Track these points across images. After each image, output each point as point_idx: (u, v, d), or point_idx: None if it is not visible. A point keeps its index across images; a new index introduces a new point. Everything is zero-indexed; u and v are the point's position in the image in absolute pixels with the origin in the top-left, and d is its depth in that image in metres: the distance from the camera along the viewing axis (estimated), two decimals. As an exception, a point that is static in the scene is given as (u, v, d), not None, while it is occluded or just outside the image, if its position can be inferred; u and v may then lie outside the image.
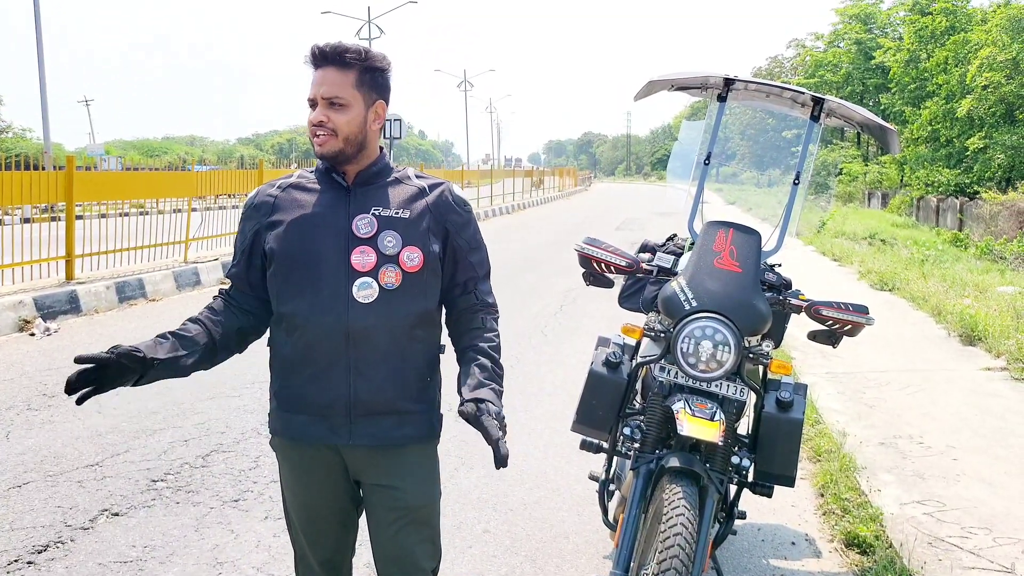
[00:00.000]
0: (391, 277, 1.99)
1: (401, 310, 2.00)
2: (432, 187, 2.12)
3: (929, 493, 4.26)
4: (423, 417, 2.09)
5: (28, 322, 7.82)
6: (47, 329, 7.72)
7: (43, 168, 11.72)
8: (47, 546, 3.51)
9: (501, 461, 1.88)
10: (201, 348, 2.00)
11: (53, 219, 10.24)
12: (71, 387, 1.85)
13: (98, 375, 1.85)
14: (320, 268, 1.98)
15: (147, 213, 11.99)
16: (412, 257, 2.00)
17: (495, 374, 2.06)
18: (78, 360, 1.82)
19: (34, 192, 9.15)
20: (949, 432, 5.25)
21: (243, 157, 61.51)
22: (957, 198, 26.24)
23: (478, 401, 1.94)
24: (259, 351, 2.08)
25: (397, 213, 2.03)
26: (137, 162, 17.53)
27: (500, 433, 1.89)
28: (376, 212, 2.02)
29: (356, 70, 2.00)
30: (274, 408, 2.12)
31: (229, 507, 3.92)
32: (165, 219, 11.35)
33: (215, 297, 2.15)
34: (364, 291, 1.97)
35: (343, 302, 1.97)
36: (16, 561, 3.37)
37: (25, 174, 9.01)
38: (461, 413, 1.93)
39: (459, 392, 2.03)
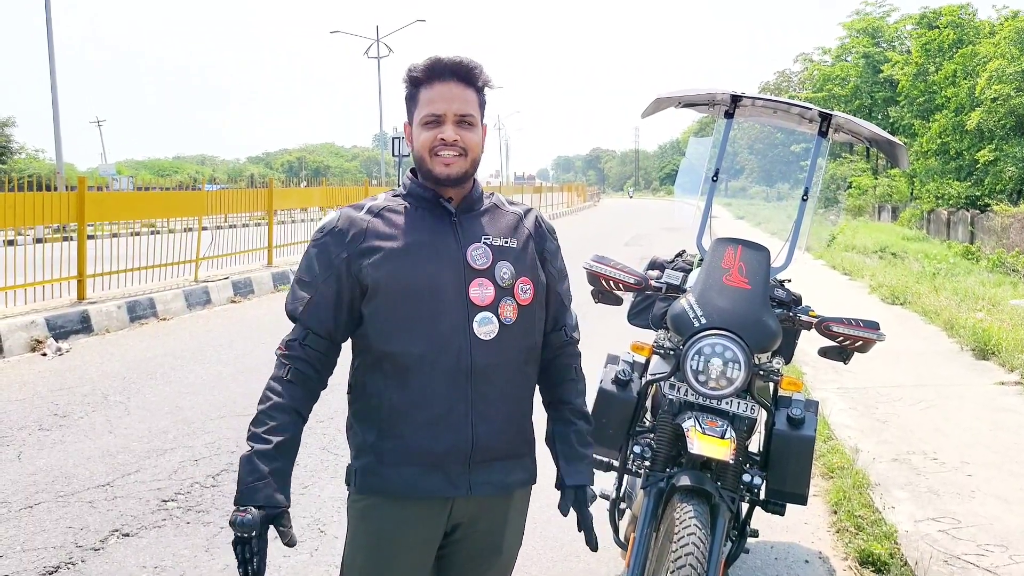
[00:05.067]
0: (509, 311, 1.84)
1: (516, 345, 1.87)
2: (526, 213, 2.00)
3: (944, 510, 4.22)
4: (530, 459, 1.99)
5: (40, 342, 7.86)
6: (59, 349, 7.76)
7: (55, 189, 11.82)
8: (58, 567, 3.51)
9: (594, 545, 1.97)
10: (298, 441, 1.85)
11: (65, 239, 10.32)
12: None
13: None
14: (437, 302, 1.79)
15: (158, 232, 12.07)
16: (525, 289, 1.87)
17: (588, 438, 2.05)
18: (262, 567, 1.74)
19: (46, 212, 9.23)
20: (963, 448, 5.21)
21: (253, 176, 61.84)
22: (968, 211, 26.14)
23: (579, 489, 1.98)
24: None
25: (507, 242, 1.89)
26: (148, 182, 17.70)
27: (591, 523, 1.98)
28: (487, 241, 1.86)
29: (476, 89, 1.87)
30: (368, 463, 1.84)
31: (239, 527, 3.90)
32: (176, 238, 11.42)
33: (285, 359, 1.85)
34: (485, 327, 1.81)
35: (465, 339, 1.80)
36: (27, 582, 3.37)
37: (38, 195, 9.09)
38: (565, 505, 1.97)
39: (555, 454, 2.02)
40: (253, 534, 1.70)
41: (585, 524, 1.99)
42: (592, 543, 1.97)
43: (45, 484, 4.39)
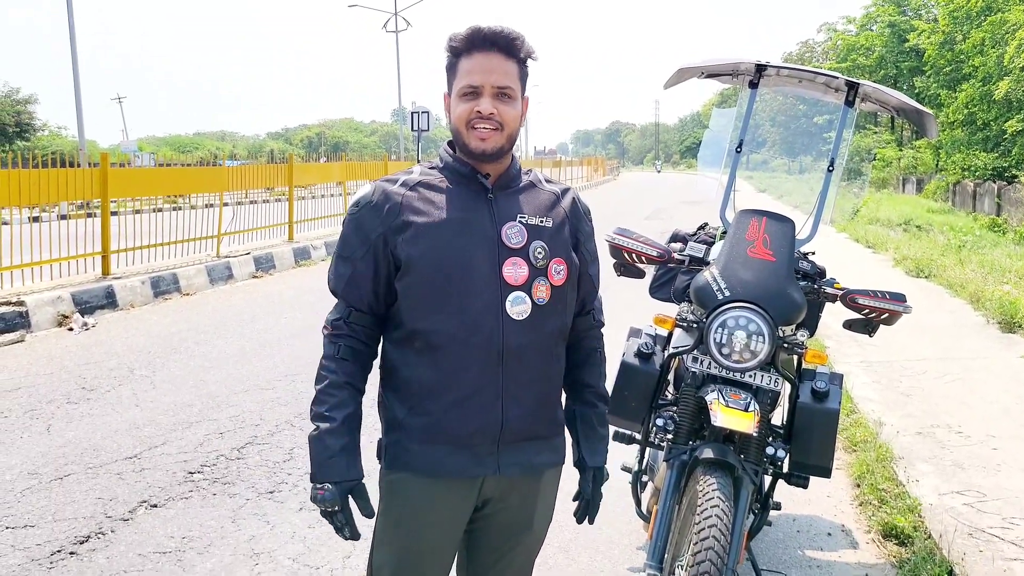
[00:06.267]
0: (542, 291, 1.81)
1: (548, 326, 1.84)
2: (563, 193, 1.97)
3: (969, 483, 4.19)
4: (559, 440, 1.98)
5: (66, 317, 7.96)
6: (85, 324, 7.86)
7: (78, 165, 11.91)
8: (88, 537, 3.58)
9: (589, 520, 2.12)
10: (360, 415, 1.86)
11: (89, 215, 10.42)
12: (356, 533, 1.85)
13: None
14: (470, 280, 1.77)
15: (180, 208, 12.15)
16: (559, 270, 1.84)
17: (606, 419, 2.11)
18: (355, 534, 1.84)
19: (70, 189, 9.31)
20: (989, 421, 5.16)
21: (273, 151, 62.01)
22: (995, 182, 25.68)
23: (597, 470, 2.06)
24: (291, 344, 1.89)
25: (541, 222, 1.86)
26: (169, 158, 17.78)
27: (599, 504, 2.09)
28: (522, 219, 1.84)
29: (517, 60, 1.82)
30: (399, 439, 1.84)
31: (264, 498, 3.96)
32: (197, 214, 11.49)
33: (334, 338, 1.85)
34: (518, 306, 1.79)
35: (496, 318, 1.77)
36: (59, 552, 3.44)
37: (61, 171, 9.16)
38: (586, 484, 2.07)
39: (575, 435, 2.05)
40: (336, 508, 1.78)
41: (594, 504, 2.09)
42: (591, 520, 2.11)
43: (74, 456, 4.46)
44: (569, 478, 2.11)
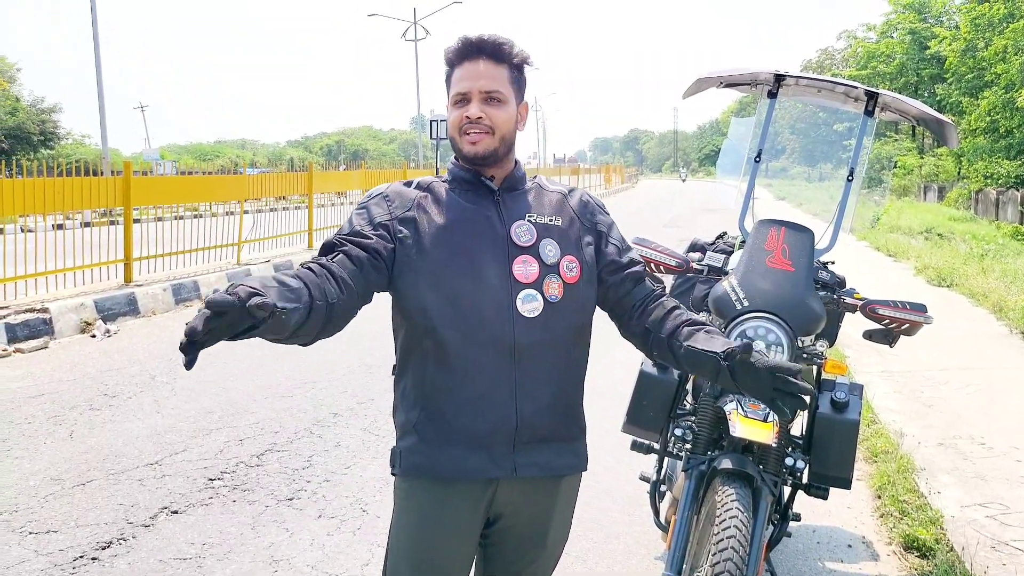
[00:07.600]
0: (555, 289, 1.82)
1: (563, 324, 1.84)
2: (570, 192, 1.99)
3: (992, 495, 4.14)
4: (580, 444, 1.95)
5: (89, 324, 8.05)
6: (107, 331, 7.94)
7: (102, 174, 12.05)
8: (110, 543, 3.61)
9: (805, 390, 1.72)
10: (304, 307, 1.53)
11: (112, 223, 10.53)
12: (195, 343, 1.30)
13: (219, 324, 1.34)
14: (481, 279, 1.78)
15: (201, 216, 12.26)
16: (571, 267, 1.85)
17: (717, 330, 1.89)
18: (211, 305, 1.32)
19: (93, 197, 9.42)
20: (1012, 432, 5.10)
21: (292, 159, 62.51)
22: (1018, 190, 25.42)
23: (747, 346, 1.75)
24: (310, 352, 1.82)
25: (551, 220, 1.88)
26: (191, 166, 17.97)
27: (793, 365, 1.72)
28: (531, 219, 1.86)
29: (508, 65, 1.85)
30: (413, 444, 1.83)
31: (284, 505, 3.99)
32: (218, 222, 11.59)
33: (307, 265, 1.68)
34: (529, 304, 1.79)
35: (508, 316, 1.78)
36: (81, 557, 3.47)
37: (85, 180, 9.28)
38: (737, 354, 1.73)
39: (704, 348, 1.81)
40: (221, 307, 1.32)
41: (782, 367, 1.74)
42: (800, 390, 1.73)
43: (96, 462, 4.51)
44: (587, 486, 2.11)
